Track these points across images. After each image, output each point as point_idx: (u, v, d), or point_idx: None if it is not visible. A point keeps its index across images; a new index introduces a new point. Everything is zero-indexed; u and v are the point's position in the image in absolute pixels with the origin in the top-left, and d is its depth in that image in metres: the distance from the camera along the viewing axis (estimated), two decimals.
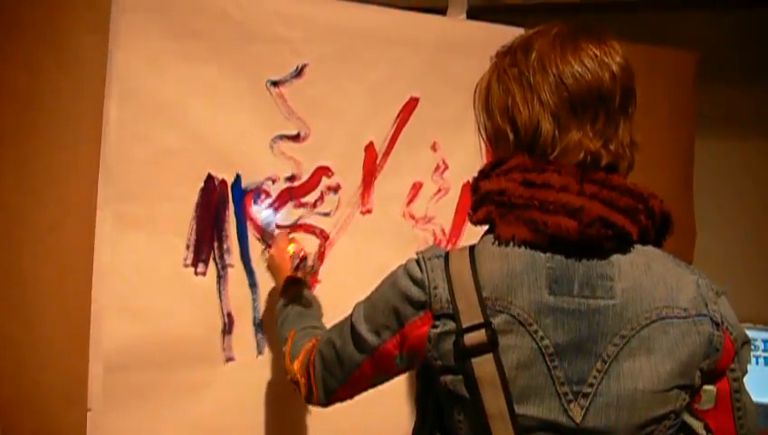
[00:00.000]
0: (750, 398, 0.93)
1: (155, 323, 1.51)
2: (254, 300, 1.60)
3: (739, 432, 0.91)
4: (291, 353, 1.14)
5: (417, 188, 1.71)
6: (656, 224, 0.91)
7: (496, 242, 0.87)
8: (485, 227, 0.93)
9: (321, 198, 1.66)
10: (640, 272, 0.86)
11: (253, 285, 1.60)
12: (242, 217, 1.62)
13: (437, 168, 1.72)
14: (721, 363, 0.88)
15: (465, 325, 0.83)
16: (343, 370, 0.99)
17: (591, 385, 0.84)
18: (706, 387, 0.89)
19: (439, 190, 1.72)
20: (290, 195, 1.64)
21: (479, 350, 0.83)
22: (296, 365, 1.10)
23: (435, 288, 0.87)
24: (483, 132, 0.97)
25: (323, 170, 1.66)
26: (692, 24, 2.18)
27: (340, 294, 1.67)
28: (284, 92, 1.63)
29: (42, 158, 1.53)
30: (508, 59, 0.92)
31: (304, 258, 1.47)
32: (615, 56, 0.90)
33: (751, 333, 2.08)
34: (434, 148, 1.72)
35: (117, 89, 1.50)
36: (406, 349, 0.90)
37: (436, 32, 1.74)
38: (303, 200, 1.65)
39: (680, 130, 1.91)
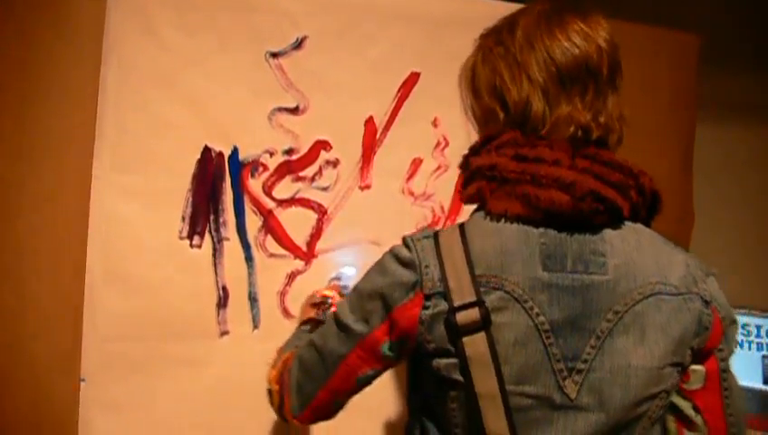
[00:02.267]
0: (735, 378, 0.92)
1: (149, 294, 1.50)
2: (250, 274, 1.59)
3: (726, 412, 0.90)
4: (273, 362, 1.07)
5: (416, 164, 1.69)
6: (646, 201, 0.91)
7: (488, 218, 0.85)
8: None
9: (320, 172, 1.64)
10: (632, 248, 0.86)
11: (249, 258, 1.59)
12: (239, 190, 1.61)
13: (438, 144, 1.70)
14: (710, 343, 0.88)
15: (456, 304, 0.81)
16: (326, 368, 0.92)
17: (585, 361, 0.83)
18: (695, 367, 0.89)
19: (439, 167, 1.70)
20: (288, 168, 1.63)
21: (471, 329, 0.81)
22: (273, 373, 1.03)
23: (426, 267, 0.84)
24: (470, 113, 0.96)
25: (322, 144, 1.64)
26: (696, 6, 2.15)
27: (335, 270, 1.67)
28: (284, 64, 1.60)
29: (38, 127, 1.51)
30: (493, 38, 0.92)
31: (325, 299, 1.39)
32: (601, 31, 0.89)
33: (746, 319, 2.12)
34: (434, 124, 1.70)
35: (114, 59, 1.48)
36: (396, 334, 0.86)
37: (438, 6, 1.71)
38: (302, 174, 1.63)
39: (681, 114, 1.89)
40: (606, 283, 0.84)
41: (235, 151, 1.60)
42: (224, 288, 1.57)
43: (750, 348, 2.14)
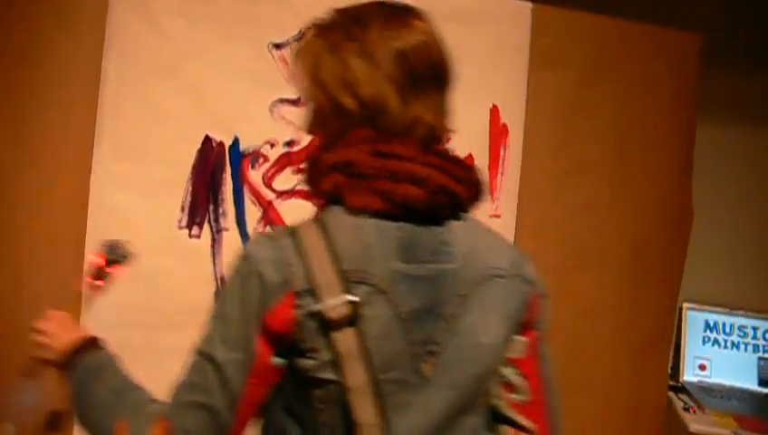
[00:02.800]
0: (548, 347, 1.03)
1: (148, 284, 1.50)
2: None
3: (543, 376, 1.00)
4: None
5: None
6: (475, 195, 0.96)
7: (348, 213, 0.86)
8: None
9: None
10: (471, 238, 0.93)
11: None
12: (239, 181, 1.61)
13: None
14: (532, 316, 0.97)
15: (326, 301, 0.81)
16: (221, 418, 0.85)
17: (439, 344, 0.88)
18: (518, 338, 0.97)
19: None
20: (288, 160, 1.62)
21: (342, 324, 0.82)
22: None
23: (290, 266, 0.82)
24: (310, 102, 0.94)
25: None
26: (696, 6, 2.14)
27: None
28: (286, 55, 1.60)
29: (37, 115, 1.50)
30: (341, 33, 0.91)
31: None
32: (437, 32, 0.94)
33: (744, 321, 2.12)
34: None
35: (116, 48, 1.47)
36: (275, 340, 0.83)
37: (443, 2, 1.70)
38: (302, 166, 1.62)
39: (682, 114, 1.88)
40: (453, 270, 0.89)
41: (235, 142, 1.59)
42: (222, 278, 1.57)
43: (746, 350, 2.14)
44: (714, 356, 2.14)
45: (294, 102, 1.61)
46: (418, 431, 0.88)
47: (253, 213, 1.60)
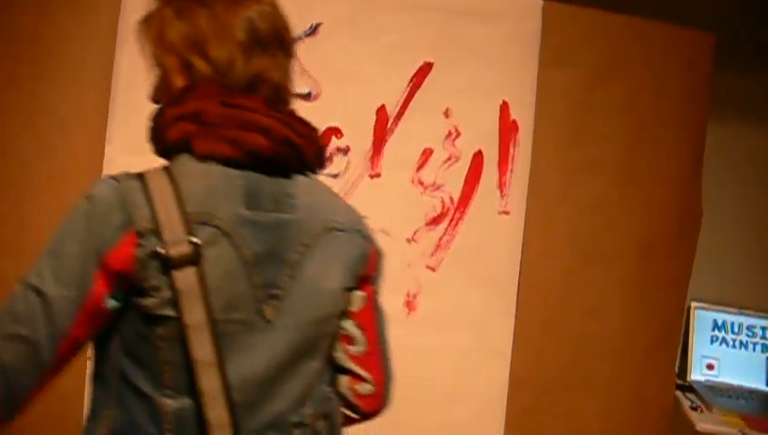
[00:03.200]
0: (381, 301, 1.11)
1: None
2: None
3: (378, 328, 1.08)
4: None
5: (427, 154, 1.69)
6: (317, 152, 1.02)
7: (195, 160, 0.90)
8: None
9: (330, 159, 1.64)
10: (313, 192, 0.99)
11: None
12: None
13: (449, 134, 1.69)
14: (368, 270, 1.05)
15: (168, 240, 0.84)
16: (41, 354, 0.83)
17: (281, 288, 0.93)
18: (356, 292, 1.04)
19: (450, 157, 1.70)
20: None
21: (183, 263, 0.85)
22: None
23: (135, 206, 0.85)
24: (157, 68, 0.99)
25: (333, 131, 1.64)
26: (708, 5, 2.13)
27: None
28: (297, 50, 1.60)
29: (49, 105, 1.51)
30: (190, 1, 0.97)
31: None
32: (279, 5, 1.02)
33: (752, 321, 2.11)
34: (446, 114, 1.69)
35: (130, 39, 1.48)
36: (114, 278, 0.84)
37: None
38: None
39: (692, 113, 1.87)
40: (295, 220, 0.95)
41: None
42: None
43: (755, 349, 2.13)
44: (722, 356, 2.14)
45: (305, 97, 1.62)
46: (260, 370, 0.93)
47: None
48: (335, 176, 1.65)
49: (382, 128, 1.66)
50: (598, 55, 1.78)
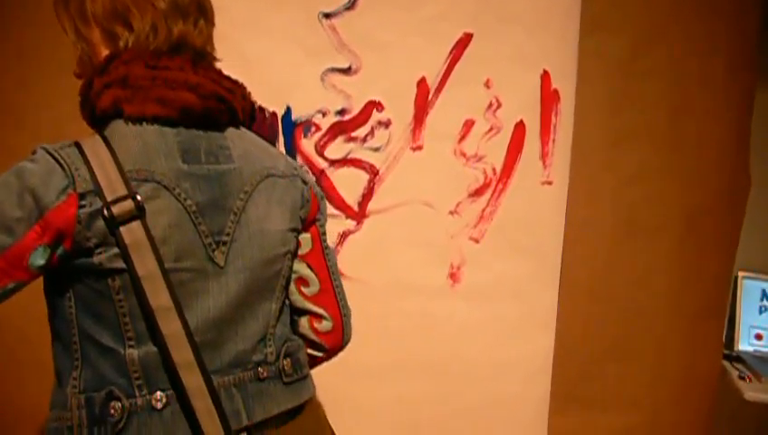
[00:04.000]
0: (329, 241, 1.18)
1: None
2: None
3: (328, 265, 1.15)
4: None
5: (468, 125, 1.68)
6: (247, 107, 1.08)
7: (128, 123, 0.94)
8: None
9: (372, 132, 1.65)
10: (248, 143, 1.05)
11: None
12: (291, 150, 1.63)
13: (490, 105, 1.68)
14: (311, 213, 1.12)
15: (110, 199, 0.88)
16: None
17: (228, 234, 0.98)
18: (304, 235, 1.12)
19: (491, 129, 1.69)
20: (340, 128, 1.63)
21: (127, 219, 0.88)
22: None
23: (76, 170, 0.89)
24: (79, 42, 1.02)
25: (374, 105, 1.64)
26: None
27: (386, 231, 1.68)
28: (336, 24, 1.60)
29: (47, 107, 1.52)
30: None
31: None
32: None
33: None
34: (487, 85, 1.68)
35: None
36: (50, 236, 0.87)
37: None
38: (354, 134, 1.64)
39: (740, 76, 1.82)
40: (234, 170, 1.00)
41: (288, 111, 1.61)
42: None
43: None
44: None
45: (346, 71, 1.62)
46: (216, 312, 0.97)
47: None
48: (377, 149, 1.65)
49: (423, 100, 1.65)
50: (640, 21, 1.74)
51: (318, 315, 1.15)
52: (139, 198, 0.89)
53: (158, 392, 0.92)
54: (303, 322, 1.16)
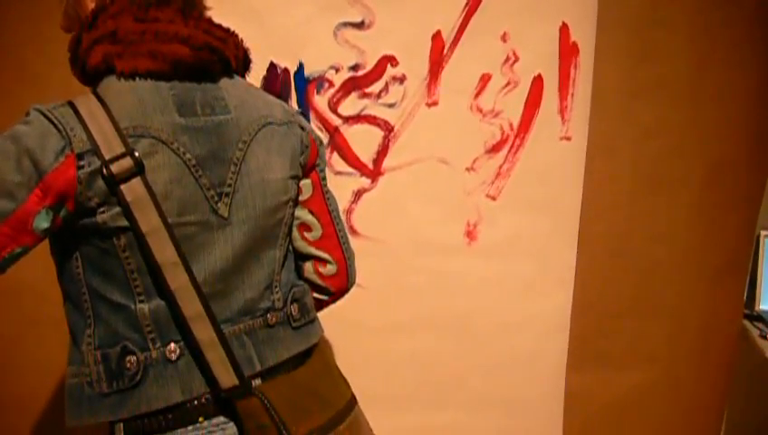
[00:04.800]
0: (330, 187, 1.19)
1: None
2: None
3: (330, 209, 1.16)
4: None
5: (485, 80, 1.64)
6: (240, 55, 1.07)
7: (120, 79, 0.93)
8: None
9: (386, 88, 1.62)
10: (243, 92, 1.04)
11: None
12: (305, 107, 1.60)
13: (507, 59, 1.64)
14: (311, 159, 1.12)
15: (108, 157, 0.87)
16: None
17: (230, 185, 0.98)
18: (304, 181, 1.12)
19: (508, 83, 1.65)
20: (354, 84, 1.61)
21: (127, 176, 0.88)
22: None
23: (71, 130, 0.88)
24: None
25: (388, 59, 1.60)
26: None
27: (402, 189, 1.67)
28: None
29: (59, 64, 1.52)
30: None
31: None
32: None
33: None
34: (503, 38, 1.63)
35: None
36: (51, 199, 0.86)
37: None
38: (368, 90, 1.61)
39: (765, 28, 1.76)
40: (231, 120, 1.00)
41: (300, 67, 1.59)
42: None
43: None
44: None
45: (359, 26, 1.59)
46: (223, 263, 0.98)
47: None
48: (392, 105, 1.62)
49: (438, 55, 1.62)
50: None
51: (322, 260, 1.17)
52: (137, 154, 0.89)
53: (172, 344, 0.94)
54: (308, 266, 1.17)
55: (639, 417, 1.80)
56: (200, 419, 0.95)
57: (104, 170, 0.87)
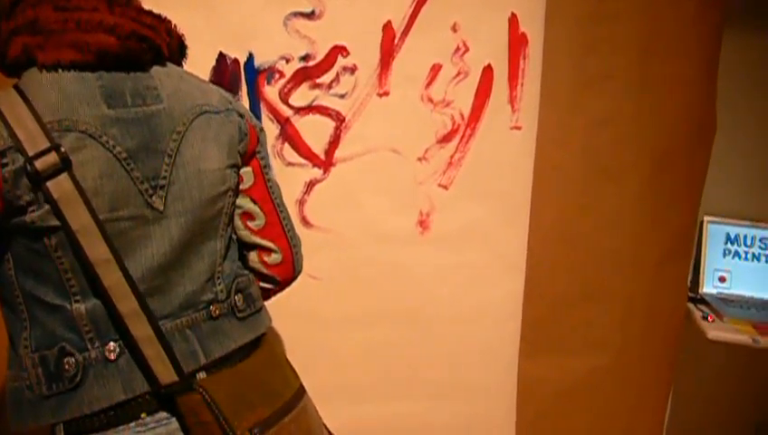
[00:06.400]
0: (273, 173, 1.17)
1: None
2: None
3: (272, 197, 1.13)
4: None
5: (435, 70, 1.65)
6: (174, 43, 1.03)
7: (43, 71, 0.89)
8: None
9: (337, 78, 1.61)
10: (177, 80, 1.01)
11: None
12: (255, 98, 1.58)
13: (457, 49, 1.64)
14: (251, 146, 1.09)
15: (32, 153, 0.84)
16: None
17: (165, 177, 0.96)
18: (245, 169, 1.10)
19: (459, 73, 1.66)
20: (304, 75, 1.59)
21: (53, 172, 0.85)
22: None
23: None
24: None
25: (339, 50, 1.59)
26: None
27: (354, 179, 1.66)
28: None
29: None
30: None
31: None
32: None
33: (765, 233, 2.10)
34: (454, 28, 1.64)
35: None
36: None
37: None
38: (319, 81, 1.60)
39: (707, 18, 1.81)
40: (164, 110, 0.96)
41: (250, 58, 1.56)
42: None
43: (767, 261, 2.13)
44: (734, 269, 2.14)
45: (309, 16, 1.57)
46: (160, 258, 0.96)
47: (270, 130, 1.59)
48: (342, 96, 1.62)
49: (389, 45, 1.62)
50: None
51: (266, 249, 1.14)
52: (62, 149, 0.85)
53: (111, 343, 0.92)
54: (253, 256, 1.15)
55: (591, 400, 1.84)
56: (143, 414, 0.93)
57: (28, 167, 0.84)
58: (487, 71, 1.66)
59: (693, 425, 2.25)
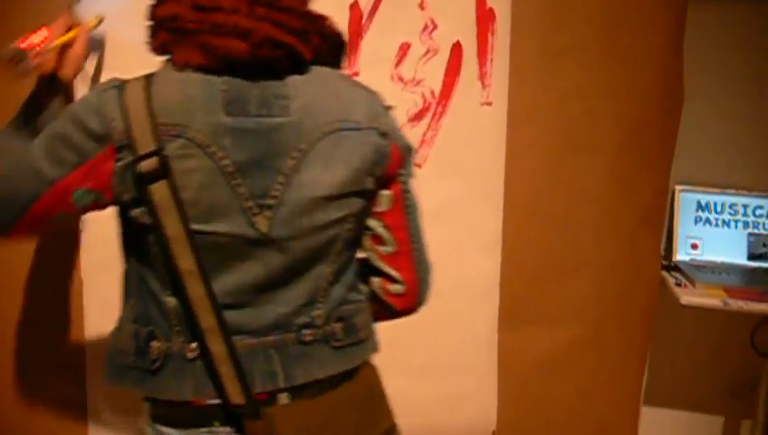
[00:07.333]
0: (415, 197, 1.07)
1: None
2: None
3: (409, 227, 1.06)
4: None
5: (404, 49, 1.64)
6: (328, 44, 0.96)
7: (174, 69, 0.89)
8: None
9: None
10: (316, 90, 0.93)
11: None
12: None
13: (426, 27, 1.64)
14: (390, 169, 1.00)
15: (140, 153, 0.85)
16: (21, 203, 0.88)
17: (275, 197, 0.90)
18: (383, 192, 1.01)
19: (428, 51, 1.65)
20: None
21: (154, 177, 0.85)
22: None
23: (112, 120, 0.86)
24: None
25: None
26: None
27: None
28: None
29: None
30: None
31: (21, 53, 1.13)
32: None
33: (734, 199, 2.14)
34: (421, 6, 1.63)
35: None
36: (91, 184, 0.87)
37: None
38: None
39: None
40: (290, 124, 0.90)
41: None
42: None
43: (737, 227, 2.18)
44: (705, 235, 2.18)
45: None
46: (251, 279, 0.93)
47: None
48: None
49: (357, 25, 1.61)
50: None
51: (390, 278, 1.07)
52: (165, 154, 0.85)
53: (194, 343, 0.93)
54: (375, 280, 1.08)
55: (570, 370, 1.87)
56: (216, 423, 0.94)
57: (135, 168, 0.85)
58: (456, 48, 1.66)
59: (669, 387, 2.31)
